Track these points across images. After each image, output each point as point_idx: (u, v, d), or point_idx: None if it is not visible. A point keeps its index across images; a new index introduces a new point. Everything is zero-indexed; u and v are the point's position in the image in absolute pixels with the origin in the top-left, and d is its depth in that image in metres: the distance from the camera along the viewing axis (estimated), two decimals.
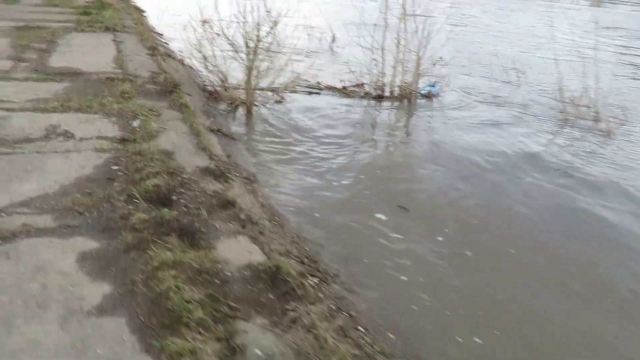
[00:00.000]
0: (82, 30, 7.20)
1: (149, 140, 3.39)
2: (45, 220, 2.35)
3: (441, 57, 6.25)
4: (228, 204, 2.70)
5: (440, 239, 3.22)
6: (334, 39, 8.62)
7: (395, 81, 6.15)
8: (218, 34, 4.91)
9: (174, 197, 2.65)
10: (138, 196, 2.56)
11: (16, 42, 6.13)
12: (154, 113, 3.98)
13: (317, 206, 3.34)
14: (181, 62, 6.62)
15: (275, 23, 4.88)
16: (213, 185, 2.90)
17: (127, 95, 4.34)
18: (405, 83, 6.06)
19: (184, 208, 2.58)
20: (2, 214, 2.37)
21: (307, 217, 3.16)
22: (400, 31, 5.92)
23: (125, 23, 8.39)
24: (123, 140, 3.35)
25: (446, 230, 3.34)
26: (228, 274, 2.13)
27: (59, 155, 3.04)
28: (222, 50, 5.13)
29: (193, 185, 2.83)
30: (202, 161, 3.24)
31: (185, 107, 4.25)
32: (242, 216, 2.62)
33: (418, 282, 2.71)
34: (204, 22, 4.99)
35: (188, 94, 4.78)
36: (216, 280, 2.07)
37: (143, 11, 12.76)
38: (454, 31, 6.32)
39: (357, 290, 2.50)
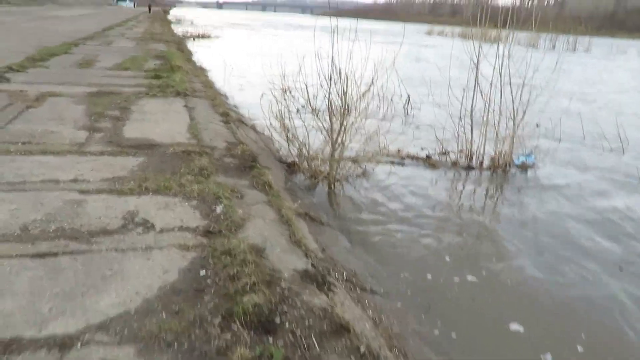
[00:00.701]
0: (154, 96, 7.15)
1: (235, 231, 2.97)
2: (127, 355, 1.90)
3: (537, 125, 5.65)
4: (341, 328, 2.17)
5: None
6: (408, 101, 8.18)
7: (484, 149, 5.58)
8: (303, 106, 4.58)
9: (277, 319, 2.16)
10: (236, 321, 2.08)
11: (91, 109, 6.08)
12: (237, 195, 3.59)
13: (436, 317, 2.77)
14: (253, 128, 6.37)
15: (366, 92, 4.50)
16: (318, 299, 2.39)
17: (205, 172, 4.01)
18: (498, 152, 5.47)
19: (290, 336, 2.07)
20: (78, 343, 1.94)
21: (428, 336, 2.59)
22: (490, 94, 5.40)
23: (194, 86, 8.38)
24: (208, 232, 2.94)
25: None
26: None
27: (139, 254, 2.65)
28: (301, 116, 4.77)
29: (296, 300, 2.34)
30: (299, 261, 2.76)
31: (268, 186, 3.85)
32: (362, 349, 2.08)
33: None
34: (285, 90, 4.68)
35: (267, 167, 4.41)
36: None
37: (208, 71, 13.01)
38: (541, 93, 5.68)
39: None
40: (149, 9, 68.81)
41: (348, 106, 4.45)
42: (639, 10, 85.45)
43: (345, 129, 4.50)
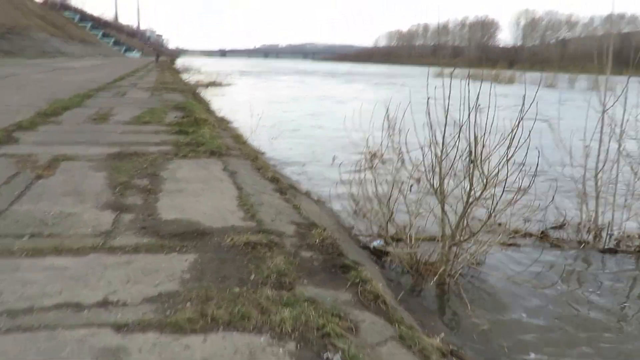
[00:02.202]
0: (185, 156, 6.08)
1: None
2: None
3: None
4: None
5: None
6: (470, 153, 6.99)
7: (613, 221, 4.38)
8: (416, 179, 3.45)
9: None
10: None
11: (113, 177, 4.99)
12: (348, 326, 2.40)
13: None
14: (308, 195, 5.25)
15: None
16: None
17: (286, 279, 2.84)
18: None
19: None
20: None
21: None
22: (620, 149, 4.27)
23: (226, 142, 7.34)
24: None
25: None
26: None
27: None
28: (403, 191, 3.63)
29: None
30: None
31: (382, 302, 2.66)
32: None
33: None
34: (374, 155, 3.58)
35: (360, 264, 3.23)
36: None
37: (231, 122, 12.09)
38: None
39: None
40: (157, 59, 69.62)
41: (486, 177, 3.31)
42: None
43: (472, 208, 3.35)
